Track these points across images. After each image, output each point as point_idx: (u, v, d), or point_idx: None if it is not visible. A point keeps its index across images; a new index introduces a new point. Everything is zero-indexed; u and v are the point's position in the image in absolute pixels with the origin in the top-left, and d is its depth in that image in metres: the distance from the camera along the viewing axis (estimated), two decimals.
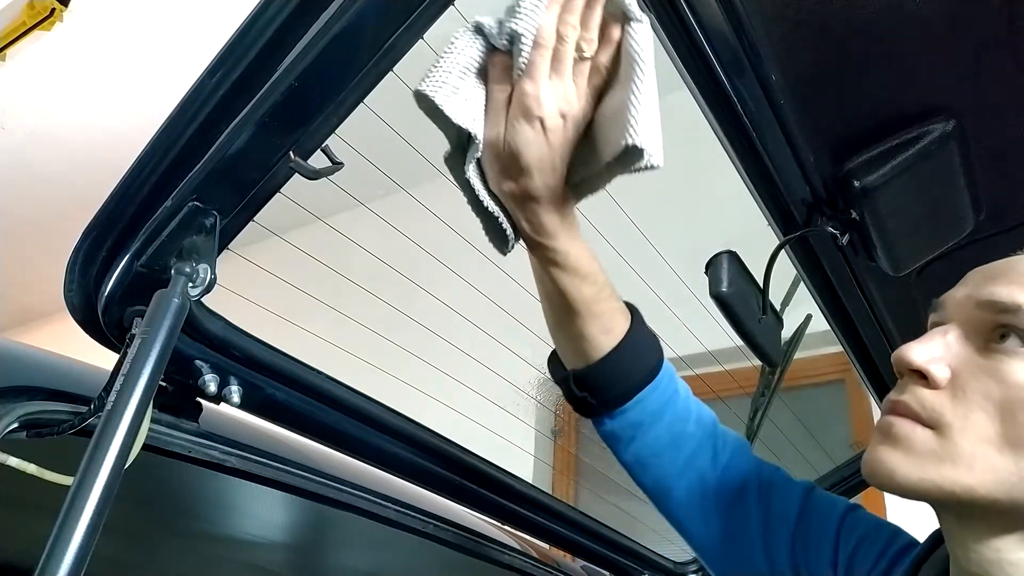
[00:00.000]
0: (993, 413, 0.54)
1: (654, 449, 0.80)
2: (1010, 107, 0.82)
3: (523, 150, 0.62)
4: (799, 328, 1.29)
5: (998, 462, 0.54)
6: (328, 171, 0.64)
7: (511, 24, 0.59)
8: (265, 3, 0.54)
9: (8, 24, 3.12)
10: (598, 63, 0.62)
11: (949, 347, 0.58)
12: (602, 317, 0.74)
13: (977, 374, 0.56)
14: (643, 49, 0.59)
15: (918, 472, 0.56)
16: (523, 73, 0.60)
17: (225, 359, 0.72)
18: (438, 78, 0.60)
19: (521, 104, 0.60)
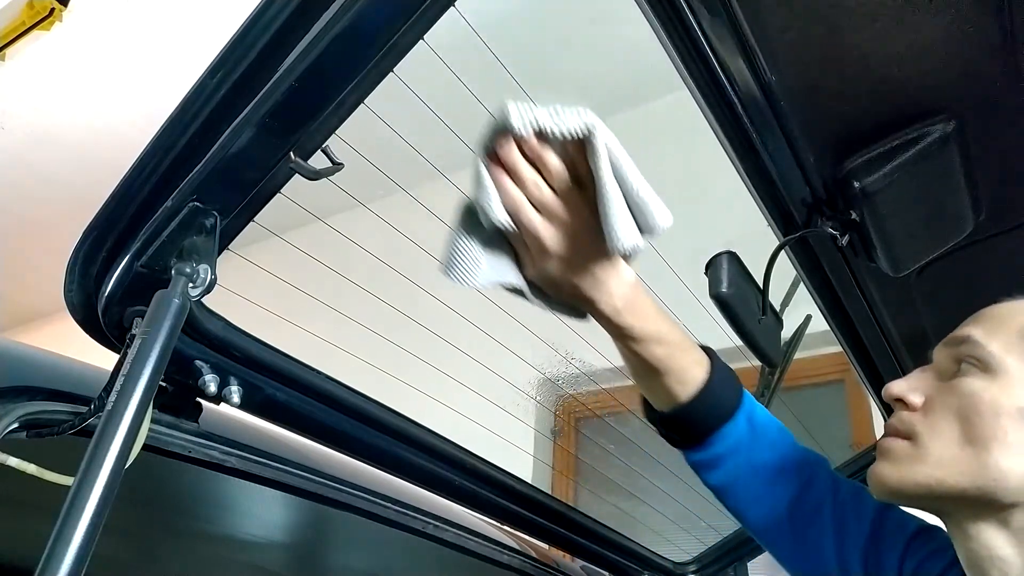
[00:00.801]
0: (953, 420, 0.70)
1: (736, 475, 0.89)
2: (1010, 107, 0.82)
3: (557, 275, 0.71)
4: (799, 328, 1.29)
5: (960, 456, 0.69)
6: (328, 171, 0.64)
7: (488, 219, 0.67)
8: (266, 3, 0.54)
9: (7, 24, 3.12)
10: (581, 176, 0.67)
11: (924, 380, 0.75)
12: (676, 372, 0.83)
13: (943, 394, 0.72)
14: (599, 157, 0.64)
15: (899, 474, 0.71)
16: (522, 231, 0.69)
17: (225, 359, 0.72)
18: (456, 266, 0.69)
19: (535, 249, 0.70)
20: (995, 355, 0.70)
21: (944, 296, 1.10)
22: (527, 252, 0.71)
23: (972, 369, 0.71)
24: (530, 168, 0.66)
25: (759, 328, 0.97)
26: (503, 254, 0.71)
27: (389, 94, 0.67)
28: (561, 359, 2.38)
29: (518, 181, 0.66)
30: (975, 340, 0.72)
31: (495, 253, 0.71)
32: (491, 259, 0.70)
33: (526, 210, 0.67)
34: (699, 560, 1.56)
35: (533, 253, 0.70)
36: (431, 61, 0.79)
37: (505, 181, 0.66)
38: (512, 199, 0.67)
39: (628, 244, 0.64)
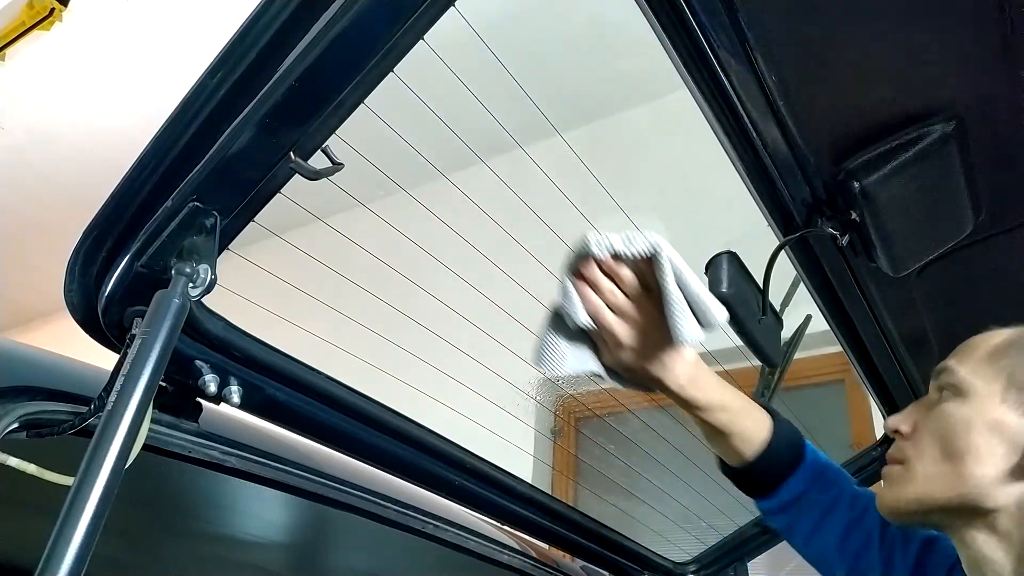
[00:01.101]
0: (934, 441, 0.81)
1: (799, 517, 1.01)
2: (1010, 107, 0.82)
3: (631, 362, 0.84)
4: (799, 328, 1.29)
5: (941, 470, 0.79)
6: (328, 171, 0.64)
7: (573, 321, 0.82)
8: (266, 3, 0.54)
9: (7, 24, 3.12)
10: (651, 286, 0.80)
11: (916, 411, 0.86)
12: (740, 434, 0.94)
13: (927, 420, 0.84)
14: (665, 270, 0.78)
15: (894, 495, 0.83)
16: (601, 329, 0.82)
17: (225, 359, 0.72)
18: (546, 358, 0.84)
19: (612, 342, 0.83)
20: (965, 379, 0.81)
21: (944, 296, 1.10)
22: (605, 345, 0.84)
23: (949, 395, 0.82)
24: (606, 280, 0.80)
25: (759, 328, 0.97)
26: (585, 347, 0.86)
27: (389, 94, 0.67)
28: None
29: (597, 291, 0.81)
30: (950, 369, 0.83)
31: (578, 346, 0.86)
32: (575, 351, 0.86)
33: (604, 313, 0.81)
34: (699, 560, 1.56)
35: (610, 346, 0.83)
36: (431, 61, 0.79)
37: (587, 291, 0.81)
38: (593, 305, 0.81)
39: (691, 339, 0.79)
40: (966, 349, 0.85)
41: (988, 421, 0.78)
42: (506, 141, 1.54)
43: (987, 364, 0.81)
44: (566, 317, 0.83)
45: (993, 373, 0.80)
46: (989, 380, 0.80)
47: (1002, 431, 0.77)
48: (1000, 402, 0.79)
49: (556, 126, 1.48)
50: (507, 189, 1.47)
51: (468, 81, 1.08)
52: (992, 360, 0.81)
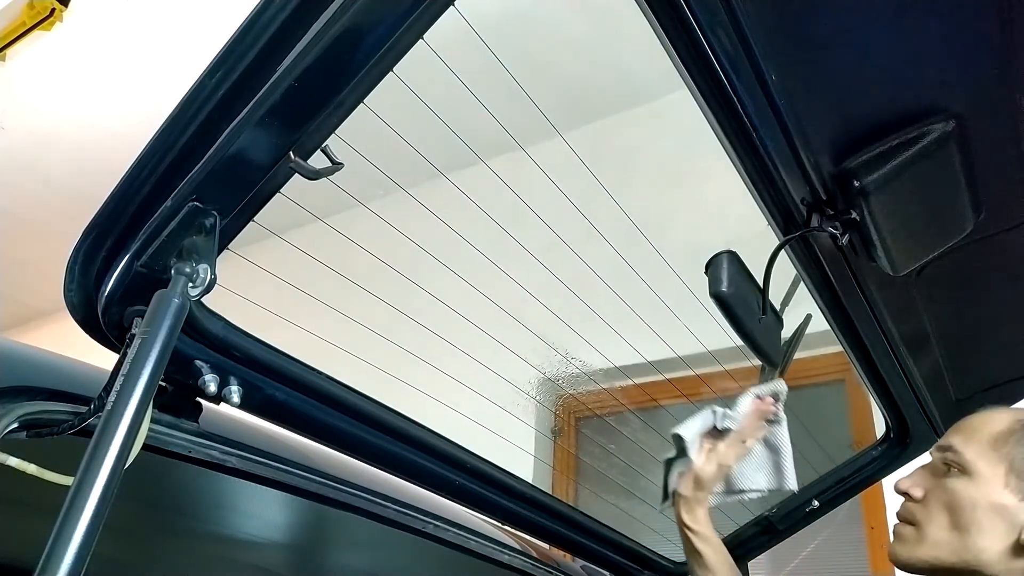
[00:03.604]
0: (944, 511, 0.96)
1: None
2: (1010, 107, 0.82)
3: (706, 476, 1.14)
4: (799, 328, 1.29)
5: (949, 539, 0.95)
6: (328, 171, 0.64)
7: (730, 423, 1.15)
8: (265, 3, 0.53)
9: (8, 24, 3.12)
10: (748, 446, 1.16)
11: (924, 477, 1.01)
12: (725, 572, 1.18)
13: (936, 490, 0.98)
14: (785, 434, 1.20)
15: (907, 553, 0.99)
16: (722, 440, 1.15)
17: (225, 359, 0.72)
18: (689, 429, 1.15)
19: (717, 455, 1.14)
20: (971, 461, 0.95)
21: (944, 296, 1.10)
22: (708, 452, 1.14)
23: (955, 471, 0.96)
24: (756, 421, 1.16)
25: (759, 328, 0.97)
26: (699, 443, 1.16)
27: (389, 94, 0.67)
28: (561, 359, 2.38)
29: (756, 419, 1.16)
30: (955, 449, 0.97)
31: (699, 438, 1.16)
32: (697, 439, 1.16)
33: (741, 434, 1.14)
34: None
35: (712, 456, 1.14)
36: (431, 61, 0.79)
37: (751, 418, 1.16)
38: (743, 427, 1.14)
39: (794, 486, 1.20)
40: (969, 430, 0.98)
41: (991, 503, 0.92)
42: (506, 141, 1.54)
43: (991, 449, 0.95)
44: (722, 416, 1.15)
45: (996, 459, 0.94)
46: (993, 464, 0.94)
47: (1003, 513, 0.92)
48: (1003, 487, 0.92)
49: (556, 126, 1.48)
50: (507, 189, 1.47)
51: (468, 81, 1.08)
52: (995, 446, 0.95)
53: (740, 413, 1.13)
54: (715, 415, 1.15)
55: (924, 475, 1.01)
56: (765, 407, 1.15)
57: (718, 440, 1.14)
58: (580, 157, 1.39)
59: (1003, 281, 1.12)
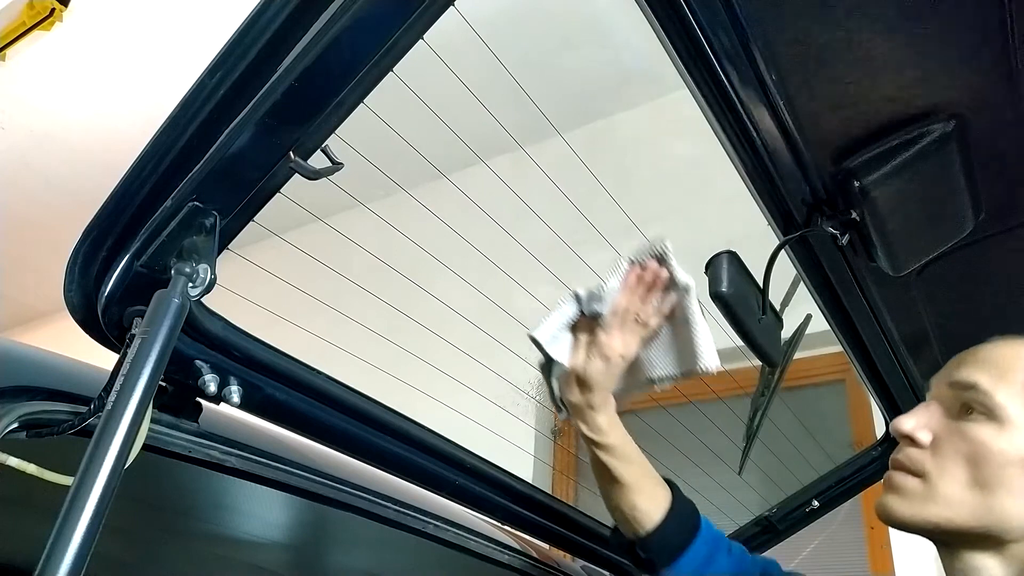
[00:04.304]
0: (963, 463, 0.75)
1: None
2: (1010, 107, 0.82)
3: (593, 375, 0.91)
4: (799, 328, 1.29)
5: (968, 498, 0.75)
6: (328, 171, 0.64)
7: (597, 306, 0.91)
8: (265, 3, 0.54)
9: (8, 24, 3.12)
10: (648, 325, 0.92)
11: (931, 417, 0.80)
12: (647, 489, 0.97)
13: (951, 436, 0.77)
14: (693, 303, 0.90)
15: (910, 510, 0.78)
16: (602, 329, 0.90)
17: (225, 359, 0.72)
18: (545, 329, 0.92)
19: (598, 348, 0.90)
20: (1002, 406, 0.75)
21: (944, 296, 1.10)
22: (585, 346, 0.92)
23: (980, 417, 0.76)
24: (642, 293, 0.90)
25: (759, 328, 0.97)
26: (569, 338, 0.94)
27: (389, 94, 0.67)
28: None
29: (635, 294, 0.90)
30: (982, 389, 0.76)
31: (567, 334, 0.94)
32: (565, 336, 0.94)
33: (620, 315, 0.90)
34: None
35: (592, 350, 0.91)
36: (431, 61, 0.79)
37: (632, 290, 0.90)
38: (625, 303, 0.90)
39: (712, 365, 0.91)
40: (998, 367, 0.78)
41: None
42: (506, 141, 1.54)
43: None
44: (588, 299, 0.92)
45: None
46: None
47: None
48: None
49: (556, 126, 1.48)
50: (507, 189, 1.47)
51: (468, 81, 1.08)
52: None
53: (611, 290, 0.90)
54: (579, 301, 0.92)
55: (932, 415, 0.80)
56: (650, 274, 0.89)
57: (599, 329, 0.91)
58: (580, 157, 1.39)
59: (1003, 281, 1.12)
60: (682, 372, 0.93)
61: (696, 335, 0.90)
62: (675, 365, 0.94)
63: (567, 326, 0.93)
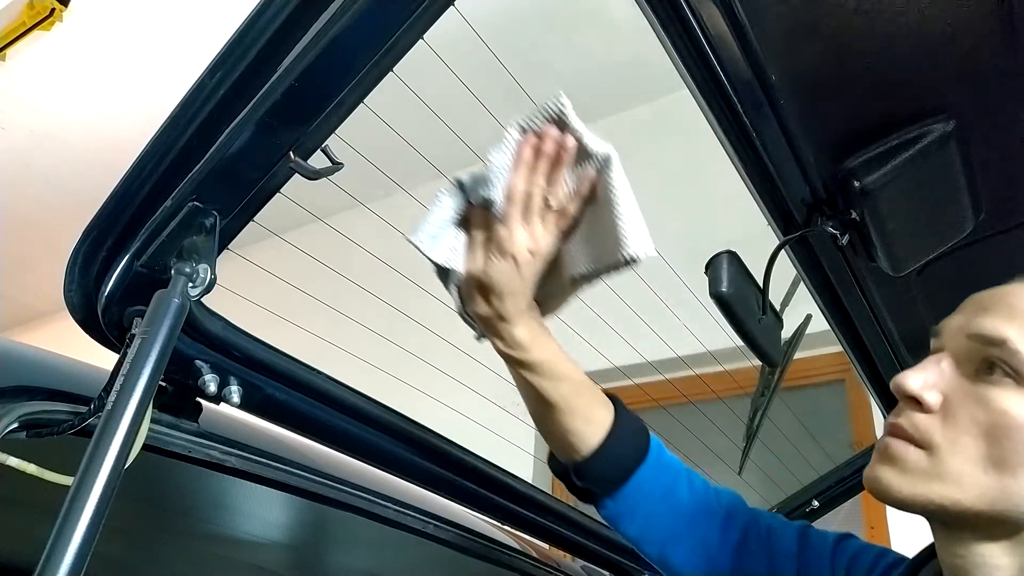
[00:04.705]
0: (979, 436, 0.61)
1: (653, 522, 0.86)
2: (1010, 107, 0.82)
3: (496, 279, 0.73)
4: (799, 328, 1.29)
5: (983, 480, 0.61)
6: (328, 171, 0.64)
7: (486, 192, 0.72)
8: (265, 3, 0.54)
9: (8, 24, 3.12)
10: (567, 211, 0.74)
11: (942, 374, 0.65)
12: (582, 410, 0.82)
13: (966, 400, 0.63)
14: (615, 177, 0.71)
15: (911, 488, 0.63)
16: (499, 221, 0.72)
17: (225, 359, 0.72)
18: (424, 230, 0.74)
19: (498, 245, 0.72)
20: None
21: (944, 296, 1.10)
22: (482, 245, 0.73)
23: (1006, 380, 0.61)
24: (544, 170, 0.71)
25: (759, 328, 0.97)
26: (461, 238, 0.75)
27: (389, 94, 0.67)
28: None
29: (533, 172, 0.71)
30: (1013, 348, 0.61)
31: (457, 234, 0.75)
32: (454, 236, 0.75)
33: (518, 202, 0.71)
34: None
35: (490, 249, 0.72)
36: (431, 61, 0.79)
37: (525, 167, 0.70)
38: (519, 185, 0.70)
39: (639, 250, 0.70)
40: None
41: None
42: None
43: None
44: (473, 185, 0.72)
45: None
46: None
47: None
48: None
49: None
50: None
51: (468, 80, 1.08)
52: None
53: (498, 169, 0.71)
54: (462, 189, 0.74)
55: (943, 371, 0.65)
56: (550, 144, 0.69)
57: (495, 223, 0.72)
58: None
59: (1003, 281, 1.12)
60: (606, 265, 0.72)
61: (619, 217, 0.70)
62: (597, 258, 0.73)
63: (454, 222, 0.74)
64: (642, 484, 0.84)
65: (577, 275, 0.75)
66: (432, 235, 0.74)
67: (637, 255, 0.70)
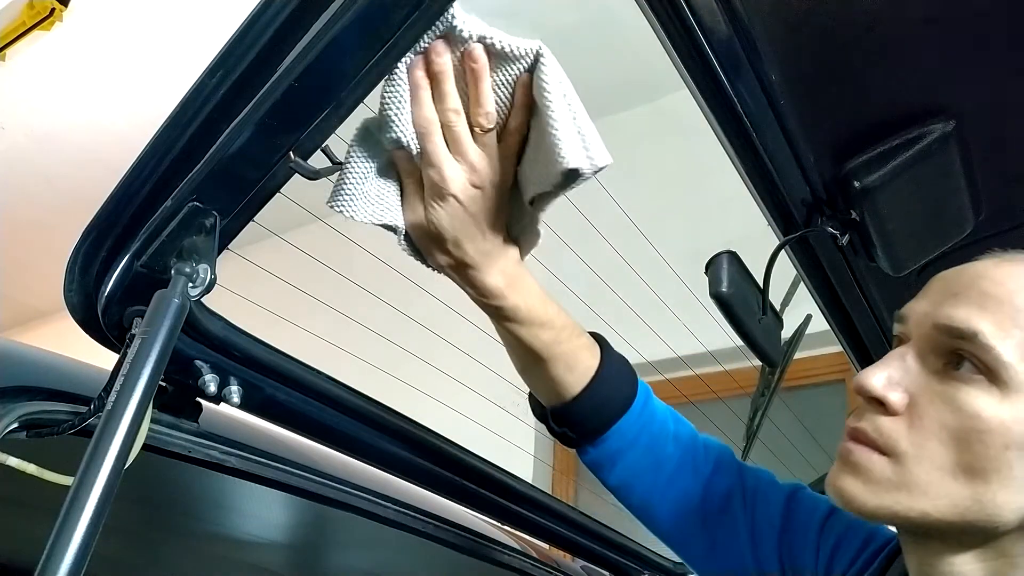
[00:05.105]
0: (947, 441, 0.56)
1: (635, 472, 0.82)
2: (1010, 107, 0.82)
3: (445, 226, 0.64)
4: (799, 328, 1.29)
5: (952, 489, 0.56)
6: (328, 171, 0.64)
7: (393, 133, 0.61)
8: (265, 3, 0.53)
9: (8, 24, 3.12)
10: (510, 127, 0.63)
11: (907, 371, 0.59)
12: (564, 357, 0.76)
13: (933, 400, 0.57)
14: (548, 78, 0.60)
15: (876, 499, 0.58)
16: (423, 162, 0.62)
17: (225, 359, 0.72)
18: (345, 192, 0.64)
19: (432, 188, 0.63)
20: (1009, 366, 0.54)
21: None
22: (417, 192, 0.64)
23: (975, 376, 0.56)
24: (456, 89, 0.60)
25: (759, 328, 0.97)
26: (391, 189, 0.65)
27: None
28: None
29: (439, 99, 0.59)
30: (985, 342, 0.55)
31: (386, 187, 0.65)
32: (381, 192, 0.65)
33: (435, 136, 0.60)
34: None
35: (426, 194, 0.63)
36: None
37: (422, 94, 0.59)
38: (424, 117, 0.60)
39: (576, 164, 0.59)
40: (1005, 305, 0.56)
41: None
42: None
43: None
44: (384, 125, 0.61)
45: None
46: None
47: None
48: None
49: None
50: None
51: None
52: None
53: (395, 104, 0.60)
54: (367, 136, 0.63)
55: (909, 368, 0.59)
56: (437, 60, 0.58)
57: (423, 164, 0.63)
58: None
59: None
60: (552, 184, 0.62)
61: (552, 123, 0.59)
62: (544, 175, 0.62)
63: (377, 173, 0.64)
64: (624, 434, 0.80)
65: (532, 197, 0.65)
66: (353, 195, 0.63)
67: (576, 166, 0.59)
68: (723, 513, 0.81)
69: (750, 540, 0.80)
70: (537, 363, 0.76)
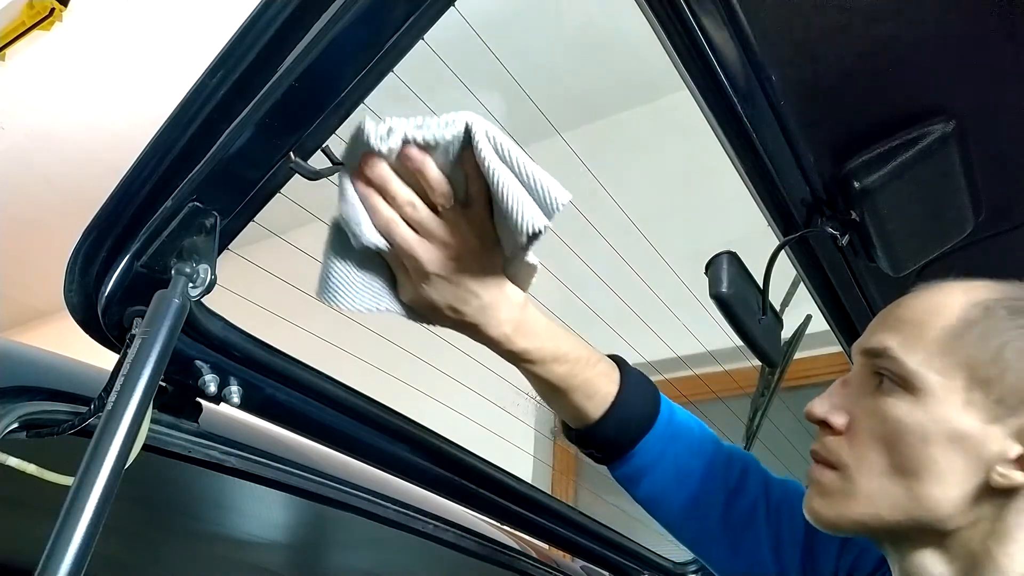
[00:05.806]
0: (880, 448, 0.64)
1: (662, 486, 0.86)
2: (1010, 107, 0.82)
3: (437, 299, 0.68)
4: (799, 328, 1.29)
5: (892, 490, 0.64)
6: (328, 171, 0.64)
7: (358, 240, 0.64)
8: (265, 3, 0.53)
9: (7, 24, 3.12)
10: (471, 194, 0.65)
11: (847, 396, 0.69)
12: (583, 387, 0.79)
13: (867, 416, 0.66)
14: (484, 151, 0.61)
15: (833, 510, 0.67)
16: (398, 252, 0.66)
17: (225, 359, 0.72)
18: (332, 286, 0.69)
19: (413, 272, 0.67)
20: (916, 373, 0.63)
21: None
22: (405, 274, 0.68)
23: (893, 388, 0.64)
24: (403, 185, 0.63)
25: (759, 328, 0.97)
26: (379, 276, 0.69)
27: (389, 94, 0.67)
28: None
29: (389, 199, 0.63)
30: (893, 355, 0.65)
31: (371, 275, 0.69)
32: (368, 282, 0.69)
33: (400, 230, 0.64)
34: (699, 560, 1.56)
35: (412, 276, 0.67)
36: (431, 61, 0.79)
37: (375, 200, 0.63)
38: (383, 218, 0.63)
39: (537, 226, 0.61)
40: (911, 327, 0.65)
41: (948, 431, 0.62)
42: None
43: (941, 354, 0.63)
44: (350, 235, 0.64)
45: (950, 366, 0.63)
46: (947, 375, 0.63)
47: (965, 443, 0.62)
48: (962, 406, 0.62)
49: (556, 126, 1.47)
50: None
51: (467, 81, 1.08)
52: (948, 349, 0.63)
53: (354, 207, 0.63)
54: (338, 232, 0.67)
55: (845, 392, 0.69)
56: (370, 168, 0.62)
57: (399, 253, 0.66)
58: (580, 157, 1.39)
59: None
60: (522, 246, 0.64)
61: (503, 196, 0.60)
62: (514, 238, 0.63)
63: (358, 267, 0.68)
64: (649, 451, 0.83)
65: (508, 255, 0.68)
66: (340, 288, 0.68)
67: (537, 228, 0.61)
68: (747, 527, 0.84)
69: (773, 552, 0.83)
70: (556, 393, 0.79)
